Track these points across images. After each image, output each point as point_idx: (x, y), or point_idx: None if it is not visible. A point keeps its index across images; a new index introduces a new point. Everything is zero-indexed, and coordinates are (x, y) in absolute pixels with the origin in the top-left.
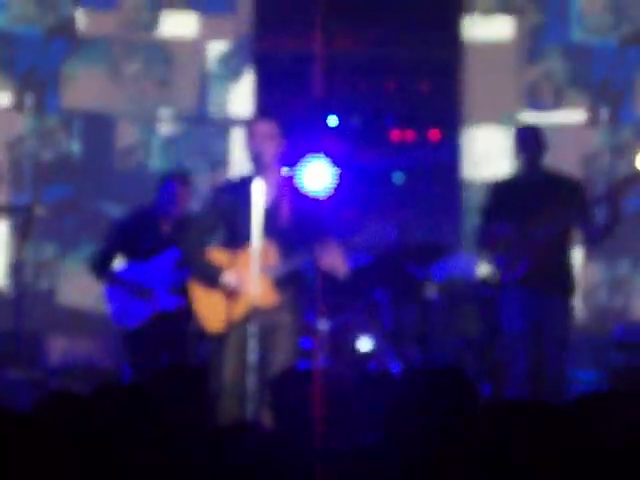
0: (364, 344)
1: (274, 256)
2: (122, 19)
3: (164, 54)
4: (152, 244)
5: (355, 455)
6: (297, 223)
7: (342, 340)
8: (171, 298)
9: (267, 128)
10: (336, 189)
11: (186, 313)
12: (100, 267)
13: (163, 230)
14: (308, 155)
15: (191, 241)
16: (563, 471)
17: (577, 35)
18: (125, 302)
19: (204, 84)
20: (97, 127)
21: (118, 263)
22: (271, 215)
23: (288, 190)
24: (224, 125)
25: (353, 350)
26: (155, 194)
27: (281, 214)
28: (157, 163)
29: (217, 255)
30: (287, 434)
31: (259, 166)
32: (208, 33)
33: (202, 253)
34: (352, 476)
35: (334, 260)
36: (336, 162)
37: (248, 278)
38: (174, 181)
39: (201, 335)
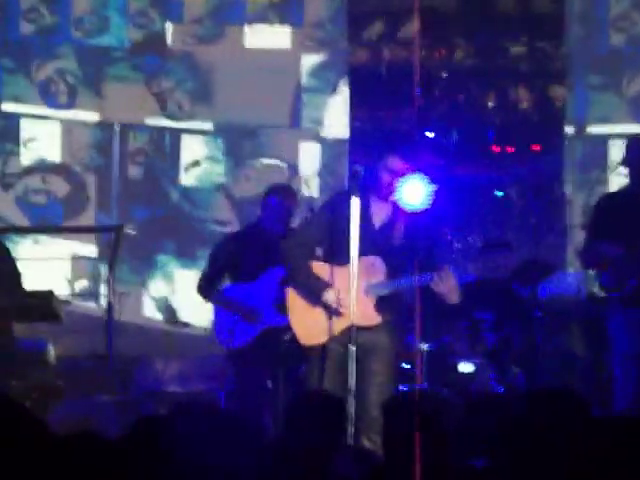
0: (465, 366)
1: (381, 275)
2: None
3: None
4: (257, 262)
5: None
6: (411, 245)
7: (443, 362)
8: (279, 316)
9: (403, 168)
10: (438, 207)
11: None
12: (207, 289)
13: (268, 247)
14: (412, 175)
15: (296, 254)
16: None
17: None
18: (233, 322)
19: (298, 97)
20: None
21: (225, 283)
22: (383, 234)
23: (402, 211)
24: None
25: (455, 372)
26: (260, 211)
27: (394, 234)
28: None
29: (320, 269)
30: (393, 458)
31: (384, 195)
32: (302, 45)
33: (306, 266)
34: None
35: (449, 287)
36: (435, 179)
37: (351, 295)
38: (278, 195)
39: (294, 353)
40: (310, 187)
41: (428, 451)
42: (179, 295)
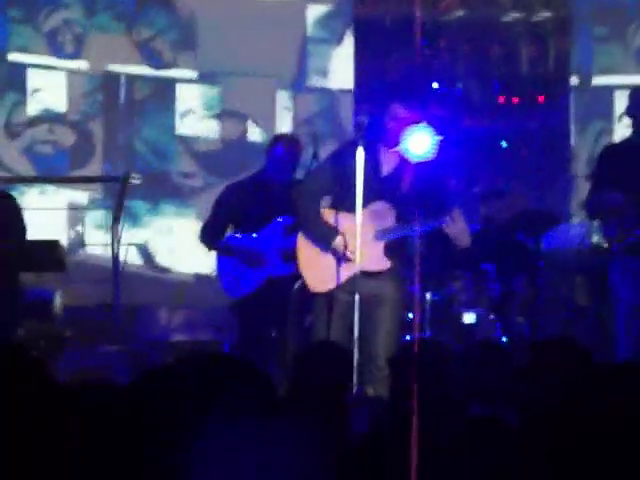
0: (469, 316)
1: (391, 220)
2: None
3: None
4: (262, 212)
5: (470, 425)
6: (420, 191)
7: (448, 312)
8: (284, 264)
9: (406, 114)
10: (439, 156)
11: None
12: (211, 239)
13: (273, 196)
14: (412, 124)
15: (305, 201)
16: None
17: None
18: (237, 271)
19: (304, 48)
20: None
21: (228, 232)
22: (392, 181)
23: (406, 159)
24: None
25: (459, 322)
26: (264, 159)
27: (402, 181)
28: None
29: (329, 217)
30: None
31: (389, 142)
32: None
33: (316, 214)
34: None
35: (460, 229)
36: (440, 129)
37: (360, 242)
38: (283, 144)
39: (302, 301)
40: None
41: (428, 401)
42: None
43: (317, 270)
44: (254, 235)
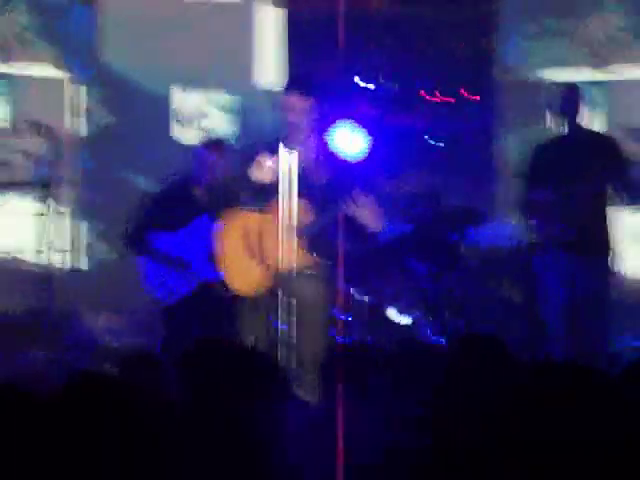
0: (405, 318)
1: (310, 214)
2: None
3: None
4: (185, 212)
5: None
6: (331, 183)
7: (379, 310)
8: (213, 269)
9: (301, 100)
10: (369, 152)
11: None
12: (135, 239)
13: (195, 197)
14: (339, 120)
15: (220, 204)
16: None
17: None
18: (162, 274)
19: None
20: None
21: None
22: (306, 177)
23: (322, 153)
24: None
25: (390, 322)
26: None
27: (316, 176)
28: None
29: (247, 218)
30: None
31: (294, 134)
32: None
33: (232, 216)
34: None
35: (368, 211)
36: (366, 127)
37: (281, 241)
38: (206, 148)
39: (227, 304)
40: None
41: (356, 402)
42: None
43: (240, 274)
44: (178, 235)
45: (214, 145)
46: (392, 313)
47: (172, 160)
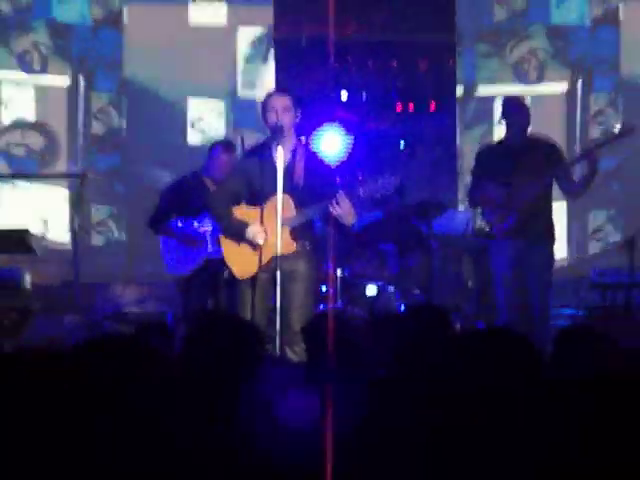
0: (372, 288)
1: (292, 209)
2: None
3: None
4: (200, 202)
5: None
6: (311, 181)
7: (354, 285)
8: (218, 248)
9: (282, 101)
10: (348, 154)
11: None
12: (157, 222)
13: (209, 190)
14: (323, 125)
15: (218, 200)
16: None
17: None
18: (178, 252)
19: (234, 66)
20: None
21: (172, 219)
22: (288, 175)
23: (303, 154)
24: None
25: (364, 294)
26: (206, 159)
27: (297, 174)
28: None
29: (242, 212)
30: (313, 367)
31: (277, 134)
32: (238, 20)
33: (229, 211)
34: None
35: (343, 209)
36: (348, 131)
37: (269, 230)
38: (219, 147)
39: (230, 282)
40: None
41: (341, 362)
42: None
43: (239, 260)
44: (193, 221)
45: (224, 146)
46: (363, 286)
47: (187, 158)
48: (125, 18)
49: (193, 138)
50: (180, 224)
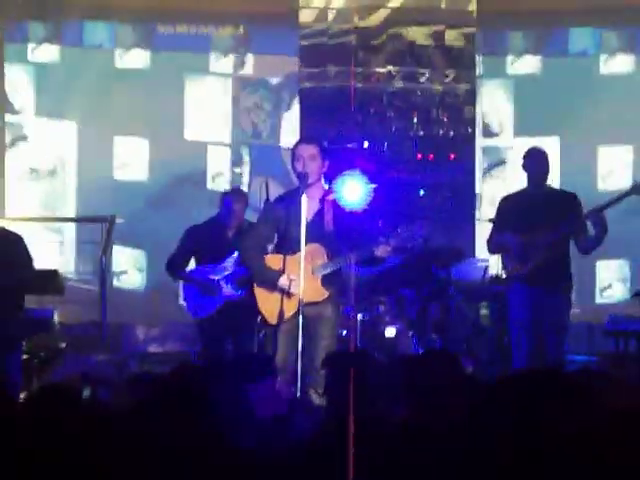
0: (391, 331)
1: (324, 257)
2: None
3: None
4: (217, 248)
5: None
6: (341, 229)
7: (374, 329)
8: (236, 290)
9: (309, 150)
10: (370, 202)
11: (249, 302)
12: (175, 269)
13: (226, 236)
14: (346, 173)
15: (250, 249)
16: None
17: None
18: (198, 297)
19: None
20: None
21: (191, 265)
22: (317, 223)
23: (332, 202)
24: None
25: (383, 337)
26: (218, 207)
27: (326, 222)
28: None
29: (273, 260)
30: (335, 406)
31: (304, 183)
32: (262, 71)
33: (261, 259)
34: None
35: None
36: (369, 179)
37: (299, 279)
38: (230, 196)
39: (261, 326)
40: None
41: (359, 401)
42: None
43: (271, 307)
44: (211, 267)
45: (236, 196)
46: (382, 329)
47: (207, 204)
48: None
49: (214, 185)
50: (200, 270)
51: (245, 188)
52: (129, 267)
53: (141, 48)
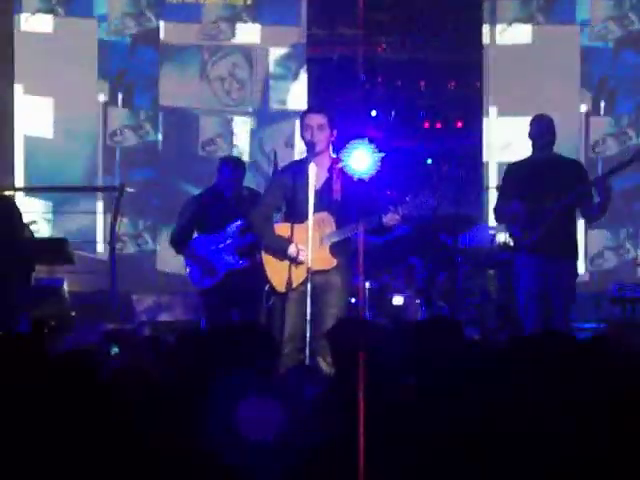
0: (399, 299)
1: (332, 225)
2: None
3: (244, 59)
4: (218, 218)
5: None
6: (349, 198)
7: (383, 297)
8: (238, 259)
9: (317, 120)
10: (378, 170)
11: (251, 271)
12: (178, 241)
13: (225, 205)
14: (354, 141)
15: (259, 217)
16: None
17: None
18: (200, 268)
19: (267, 83)
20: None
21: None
22: (326, 192)
23: (340, 171)
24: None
25: (391, 305)
26: (216, 177)
27: (335, 191)
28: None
29: (281, 229)
30: (341, 374)
31: (311, 152)
32: (270, 41)
33: (270, 228)
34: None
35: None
36: (377, 148)
37: (308, 247)
38: (227, 164)
39: (269, 294)
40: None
41: (368, 370)
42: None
43: (280, 276)
44: (213, 237)
45: (233, 164)
46: (390, 297)
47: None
48: (162, 35)
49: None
50: (202, 241)
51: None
52: (142, 235)
53: None
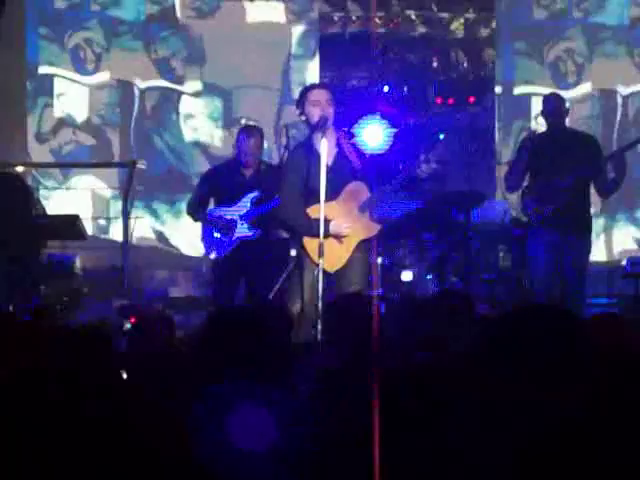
0: (408, 275)
1: (366, 192)
2: None
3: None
4: (235, 188)
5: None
6: (367, 166)
7: (394, 272)
8: (251, 229)
9: (326, 95)
10: (390, 145)
11: (264, 241)
12: (195, 211)
13: (243, 176)
14: (367, 117)
15: (292, 213)
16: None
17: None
18: (214, 237)
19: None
20: None
21: (208, 206)
22: (339, 165)
23: (349, 143)
24: None
25: (401, 280)
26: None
27: (352, 160)
28: None
29: (315, 212)
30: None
31: (323, 126)
32: (291, 18)
33: (305, 218)
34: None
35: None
36: (389, 123)
37: (349, 220)
38: (243, 134)
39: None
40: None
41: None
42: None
43: (328, 255)
44: (229, 207)
45: (248, 131)
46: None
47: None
48: (179, 14)
49: None
50: (217, 210)
51: None
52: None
53: None
